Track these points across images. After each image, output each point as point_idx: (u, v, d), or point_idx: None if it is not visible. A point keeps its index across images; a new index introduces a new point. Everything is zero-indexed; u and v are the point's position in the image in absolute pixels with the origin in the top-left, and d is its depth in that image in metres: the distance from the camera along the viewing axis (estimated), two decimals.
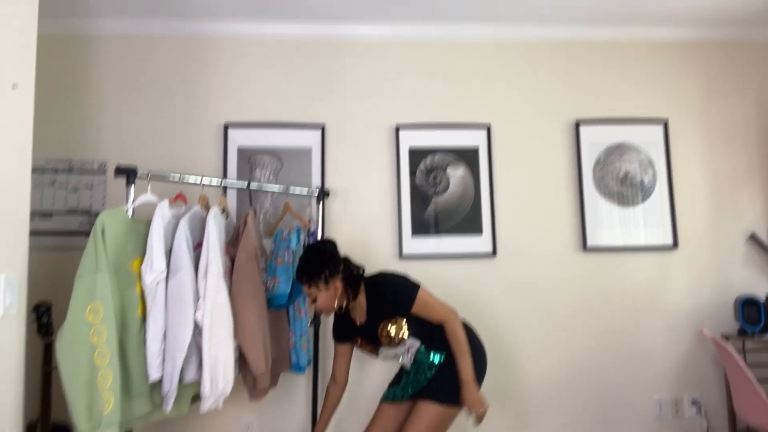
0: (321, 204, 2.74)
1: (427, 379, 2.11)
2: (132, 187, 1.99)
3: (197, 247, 2.07)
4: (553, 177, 3.01)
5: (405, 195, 2.91)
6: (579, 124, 3.02)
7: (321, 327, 2.68)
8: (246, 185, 2.44)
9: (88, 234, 2.65)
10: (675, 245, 2.99)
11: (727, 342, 2.70)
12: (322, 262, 2.06)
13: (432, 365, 2.12)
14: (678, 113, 3.10)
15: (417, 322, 2.08)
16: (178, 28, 2.91)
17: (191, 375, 1.99)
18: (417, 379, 2.15)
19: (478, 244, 2.91)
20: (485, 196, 2.94)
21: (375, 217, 2.90)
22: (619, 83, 3.10)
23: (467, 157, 2.96)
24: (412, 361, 2.16)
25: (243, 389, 2.25)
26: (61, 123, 2.79)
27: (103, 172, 2.77)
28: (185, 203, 2.17)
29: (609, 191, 3.01)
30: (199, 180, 2.22)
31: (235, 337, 2.06)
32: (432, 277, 2.82)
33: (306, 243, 2.52)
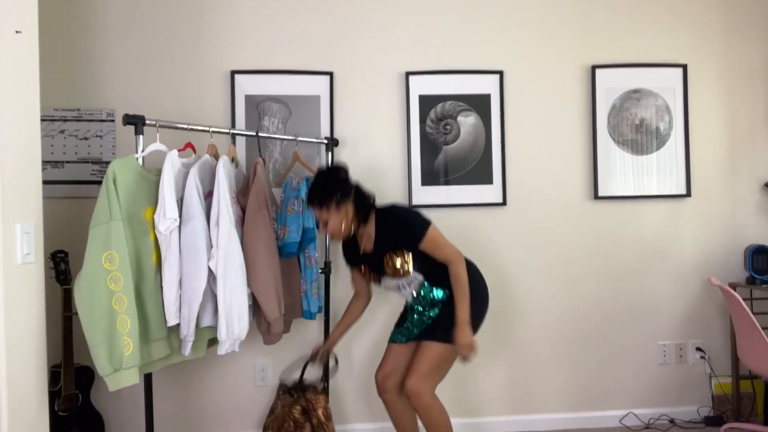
0: (330, 153, 2.72)
1: (431, 318, 2.18)
2: (141, 136, 1.98)
3: (208, 196, 2.08)
4: (566, 124, 2.96)
5: (415, 144, 2.87)
6: (595, 68, 2.93)
7: (332, 275, 2.73)
8: (255, 134, 2.42)
9: (99, 183, 2.67)
10: (688, 194, 2.95)
11: (735, 290, 2.71)
12: (334, 185, 2.09)
13: (435, 302, 2.18)
14: (697, 57, 3.00)
15: (422, 258, 2.13)
16: None
17: (207, 320, 2.05)
18: (422, 319, 2.21)
19: (489, 193, 2.89)
20: (496, 145, 2.90)
21: (384, 166, 2.88)
22: (636, 26, 2.98)
23: (479, 104, 2.90)
24: (414, 294, 2.21)
25: (258, 334, 2.31)
26: (66, 71, 2.75)
27: (112, 121, 2.76)
28: (194, 152, 2.16)
29: (623, 139, 2.95)
30: (208, 129, 2.20)
31: (248, 284, 2.10)
32: (441, 226, 2.77)
33: None
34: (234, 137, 2.59)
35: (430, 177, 2.88)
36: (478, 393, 2.90)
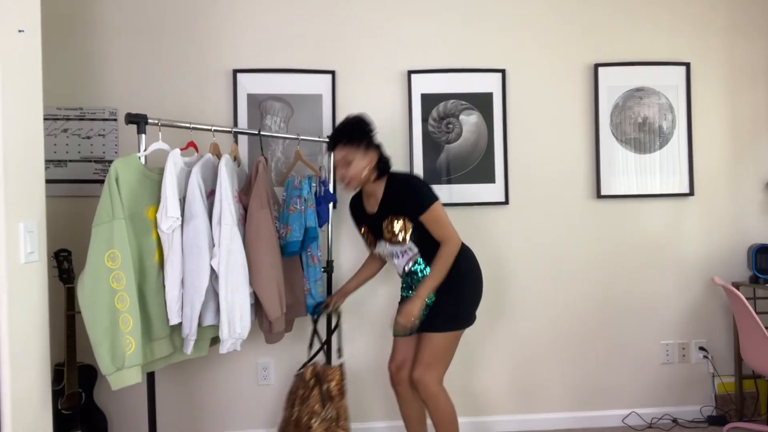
0: (332, 152, 2.72)
1: (428, 307, 2.19)
2: (143, 135, 1.98)
3: (210, 195, 2.08)
4: (568, 123, 2.95)
5: (417, 142, 2.87)
6: (598, 66, 2.92)
7: (334, 273, 2.73)
8: (257, 133, 2.42)
9: (102, 182, 2.68)
10: (691, 193, 2.95)
11: (738, 289, 2.70)
12: (365, 129, 2.15)
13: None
14: (700, 56, 2.99)
15: (422, 234, 2.15)
16: None
17: (210, 319, 2.05)
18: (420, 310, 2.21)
19: (491, 192, 2.89)
20: (498, 144, 2.90)
21: None
22: (639, 24, 2.97)
23: (481, 103, 2.90)
24: (406, 269, 2.22)
25: (260, 333, 2.31)
26: (69, 70, 2.75)
27: (114, 120, 2.76)
28: (197, 151, 2.17)
29: (626, 137, 2.94)
30: (210, 127, 2.20)
31: (250, 283, 2.10)
32: None
33: (318, 191, 2.52)
34: (236, 136, 2.59)
35: (432, 176, 2.87)
36: (480, 392, 2.90)
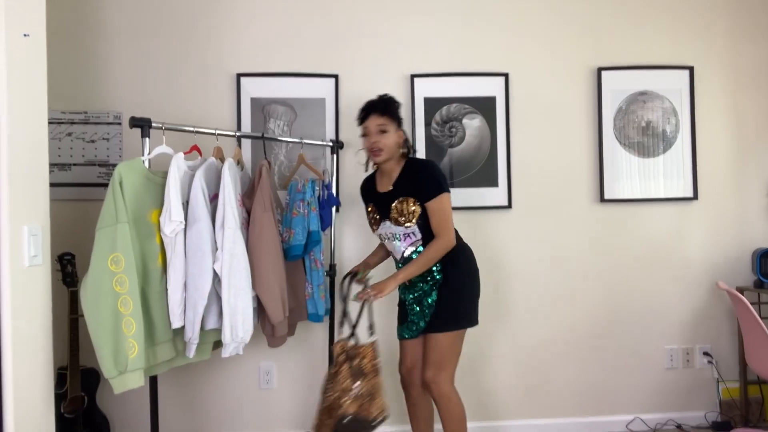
0: (335, 155, 2.72)
1: (431, 306, 2.19)
2: (147, 139, 1.99)
3: (213, 198, 2.08)
4: (571, 127, 2.95)
5: (420, 146, 2.87)
6: (601, 70, 2.92)
7: (336, 277, 2.72)
8: (260, 136, 2.42)
9: (106, 185, 2.67)
10: (695, 197, 2.94)
11: (743, 294, 2.69)
12: (399, 107, 2.28)
13: (434, 281, 2.19)
14: (703, 59, 2.98)
15: (428, 219, 2.18)
16: None
17: (212, 323, 2.05)
18: (422, 311, 2.22)
19: (494, 196, 2.89)
20: (502, 148, 2.89)
21: None
22: (642, 27, 2.97)
23: (484, 107, 2.90)
24: (405, 254, 2.22)
25: (262, 336, 2.31)
26: (73, 74, 2.76)
27: (118, 123, 2.77)
28: (200, 155, 2.17)
29: (629, 141, 2.94)
30: (213, 131, 2.20)
31: (253, 287, 2.10)
32: None
33: (321, 195, 2.52)
34: (239, 140, 2.60)
35: None
36: (485, 396, 2.89)
